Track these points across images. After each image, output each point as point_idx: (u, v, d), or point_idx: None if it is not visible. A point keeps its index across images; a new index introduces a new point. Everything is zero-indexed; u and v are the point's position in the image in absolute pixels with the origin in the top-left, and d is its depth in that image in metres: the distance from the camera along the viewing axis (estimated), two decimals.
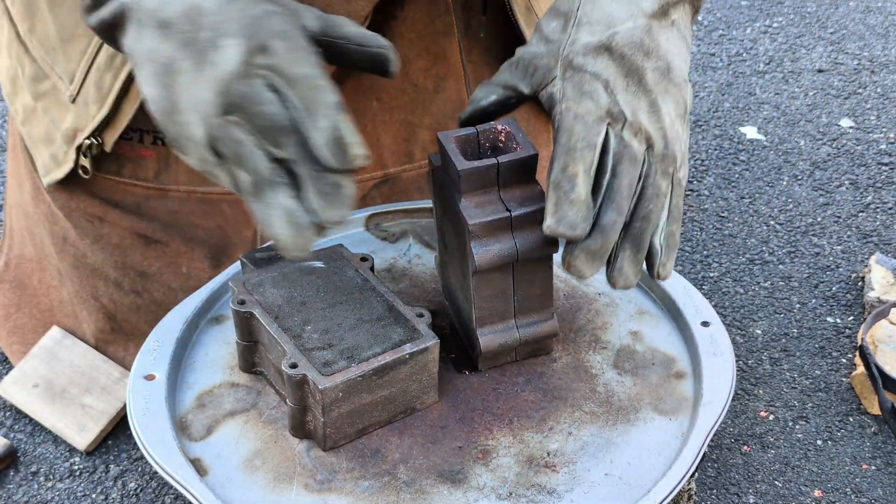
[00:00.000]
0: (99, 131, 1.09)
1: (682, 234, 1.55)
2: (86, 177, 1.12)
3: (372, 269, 0.94)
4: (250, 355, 0.92)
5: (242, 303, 0.89)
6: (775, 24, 2.08)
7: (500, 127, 0.87)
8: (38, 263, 1.29)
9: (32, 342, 1.30)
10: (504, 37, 1.19)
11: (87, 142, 1.09)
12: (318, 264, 0.93)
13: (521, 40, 1.14)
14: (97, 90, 1.07)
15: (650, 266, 0.83)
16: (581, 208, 0.78)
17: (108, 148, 1.10)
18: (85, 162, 1.11)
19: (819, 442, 1.25)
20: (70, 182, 1.17)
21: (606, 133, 0.80)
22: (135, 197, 1.16)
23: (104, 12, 0.80)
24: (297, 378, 0.83)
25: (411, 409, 0.88)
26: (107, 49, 1.05)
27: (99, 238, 1.19)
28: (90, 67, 1.07)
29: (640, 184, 0.80)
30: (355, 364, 0.84)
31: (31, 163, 1.21)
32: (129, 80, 1.05)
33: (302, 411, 0.85)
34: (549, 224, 0.78)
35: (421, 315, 0.88)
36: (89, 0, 0.81)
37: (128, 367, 1.26)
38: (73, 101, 1.09)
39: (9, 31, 1.14)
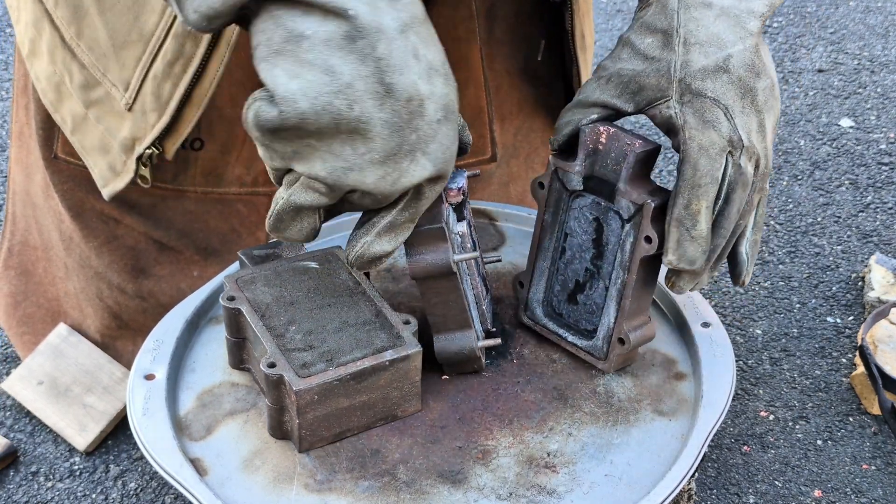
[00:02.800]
0: (159, 140, 1.04)
1: None
2: (145, 186, 1.07)
3: (367, 272, 0.94)
4: (238, 352, 0.92)
5: (232, 299, 0.90)
6: (775, 24, 2.08)
7: (601, 128, 0.88)
8: (43, 253, 1.30)
9: (42, 332, 1.31)
10: (522, 48, 1.19)
11: (148, 151, 1.04)
12: (313, 265, 0.94)
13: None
14: (155, 99, 1.02)
15: (736, 275, 0.87)
16: (701, 244, 0.82)
17: (169, 156, 1.05)
18: (145, 172, 1.06)
19: (819, 442, 1.25)
20: (85, 182, 1.17)
21: (726, 161, 0.83)
22: (152, 198, 1.16)
23: None
24: (274, 378, 0.83)
25: (392, 417, 0.87)
26: (164, 56, 0.99)
27: (112, 238, 1.19)
28: (146, 76, 1.02)
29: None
30: (333, 367, 0.83)
31: (45, 159, 1.20)
32: (191, 88, 1.00)
33: (279, 411, 0.85)
34: (670, 260, 0.83)
35: (407, 322, 0.88)
36: None
37: (131, 363, 1.27)
38: (130, 109, 1.04)
39: (51, 36, 1.08)
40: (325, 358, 0.84)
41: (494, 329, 0.94)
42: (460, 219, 0.89)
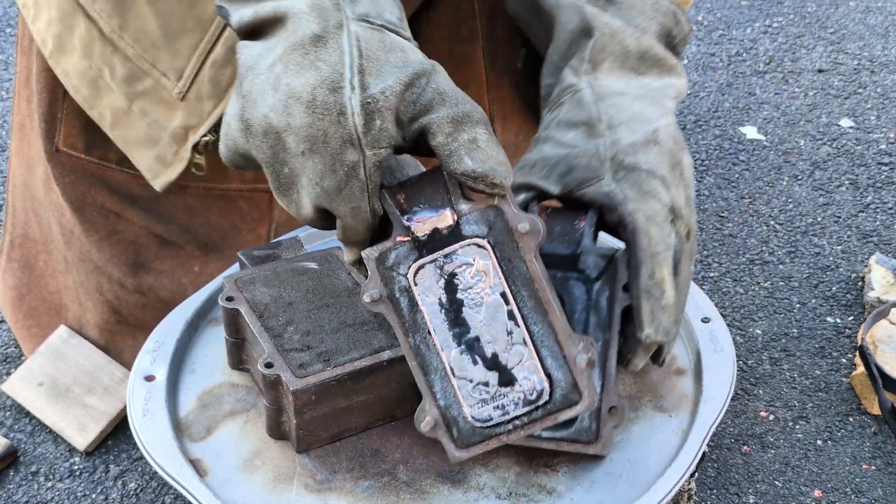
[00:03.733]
0: (215, 127, 1.02)
1: None
2: (200, 174, 1.05)
3: (365, 273, 0.94)
4: (237, 352, 0.92)
5: (230, 299, 0.90)
6: (775, 24, 2.08)
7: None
8: (43, 245, 1.30)
9: (48, 325, 1.31)
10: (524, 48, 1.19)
11: (205, 139, 1.02)
12: (312, 266, 0.94)
13: None
14: (213, 85, 1.01)
15: (656, 353, 0.86)
16: (672, 312, 0.81)
17: None
18: (200, 160, 1.04)
19: (819, 442, 1.25)
20: (87, 175, 1.17)
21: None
22: (153, 192, 1.16)
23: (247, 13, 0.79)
24: (272, 378, 0.83)
25: (391, 417, 0.87)
26: (224, 42, 0.99)
27: (113, 233, 1.19)
28: (203, 63, 1.01)
29: None
30: (330, 368, 0.83)
31: (48, 151, 1.20)
32: None
33: (277, 412, 0.85)
34: (648, 333, 0.81)
35: None
36: None
37: (133, 358, 1.27)
38: (183, 98, 1.03)
39: (86, 31, 1.07)
40: (322, 358, 0.84)
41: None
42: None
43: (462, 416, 0.74)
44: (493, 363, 0.74)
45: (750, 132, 1.78)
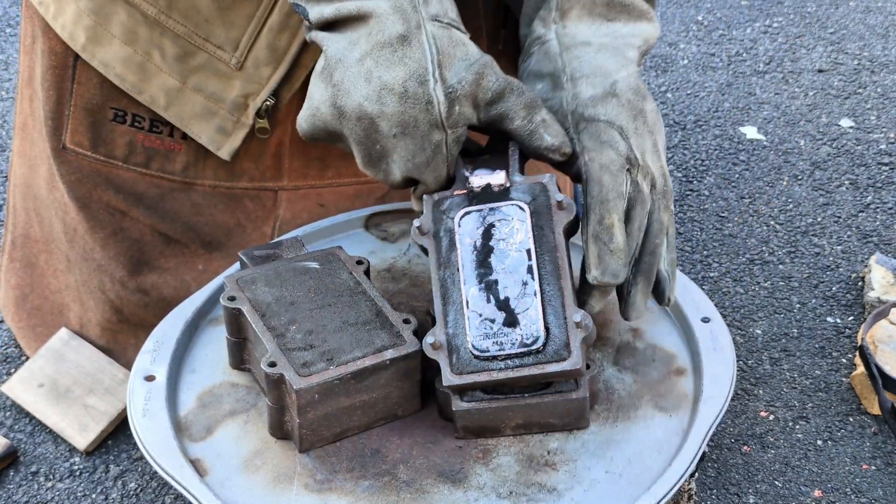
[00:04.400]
0: (275, 91, 1.10)
1: (681, 234, 1.55)
2: (264, 137, 1.12)
3: (367, 272, 0.94)
4: (239, 352, 0.92)
5: (232, 299, 0.90)
6: (775, 24, 2.08)
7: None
8: (44, 245, 1.30)
9: (52, 324, 1.31)
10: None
11: (266, 104, 1.10)
12: (313, 265, 0.94)
13: None
14: (271, 52, 1.07)
15: (660, 294, 0.89)
16: (621, 256, 0.85)
17: (283, 105, 1.11)
18: (263, 123, 1.11)
19: (819, 442, 1.25)
20: (93, 173, 1.17)
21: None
22: (160, 189, 1.17)
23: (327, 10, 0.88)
24: (275, 377, 0.83)
25: (393, 416, 0.87)
26: (280, 9, 1.05)
27: (118, 230, 1.19)
28: (260, 31, 1.07)
29: (647, 220, 0.87)
30: (334, 367, 0.83)
31: (54, 149, 1.20)
32: None
33: (280, 411, 0.85)
34: (594, 276, 0.85)
35: (407, 321, 0.87)
36: None
37: (133, 357, 1.27)
38: (241, 67, 1.09)
39: (129, 17, 1.10)
40: (325, 357, 0.84)
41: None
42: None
43: (464, 345, 0.82)
44: (503, 305, 0.83)
45: (750, 132, 1.78)
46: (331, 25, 0.88)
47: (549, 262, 0.84)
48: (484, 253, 0.85)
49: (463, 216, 0.87)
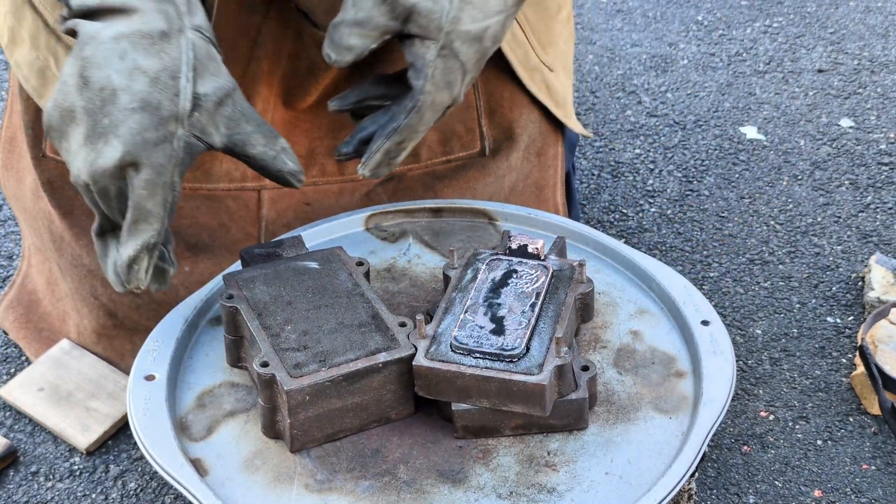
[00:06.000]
0: None
1: (681, 234, 1.55)
2: None
3: (367, 274, 0.94)
4: (236, 350, 0.92)
5: (230, 297, 0.90)
6: (775, 24, 2.08)
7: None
8: (44, 255, 1.30)
9: (59, 332, 1.31)
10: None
11: None
12: (313, 265, 0.93)
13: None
14: None
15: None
16: (384, 171, 0.94)
17: None
18: None
19: (819, 442, 1.25)
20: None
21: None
22: None
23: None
24: (267, 377, 0.83)
25: (386, 419, 0.87)
26: None
27: None
28: None
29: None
30: (326, 368, 0.83)
31: (35, 158, 1.20)
32: None
33: (272, 411, 0.85)
34: (363, 173, 0.93)
35: (403, 325, 0.88)
36: None
37: (131, 362, 1.26)
38: None
39: (33, 22, 1.12)
40: (318, 358, 0.84)
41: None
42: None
43: (447, 339, 0.87)
44: (496, 320, 0.88)
45: (750, 132, 1.78)
46: (91, 14, 0.88)
47: (552, 309, 0.89)
48: (498, 285, 0.92)
49: (492, 261, 0.94)
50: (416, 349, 0.85)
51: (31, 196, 1.25)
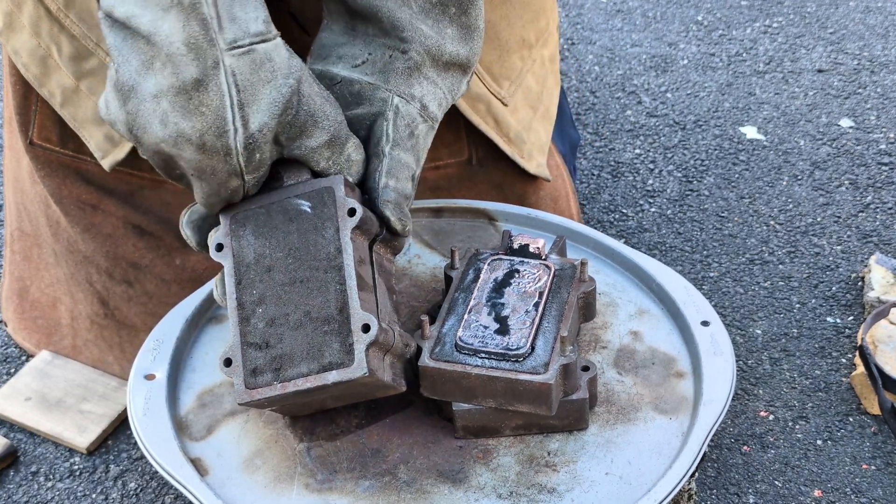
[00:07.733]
0: None
1: (681, 234, 1.55)
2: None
3: (360, 224, 0.86)
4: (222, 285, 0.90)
5: (220, 248, 0.87)
6: (775, 24, 2.08)
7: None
8: (34, 239, 1.30)
9: (50, 318, 1.31)
10: None
11: None
12: (306, 207, 0.88)
13: None
14: None
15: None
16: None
17: None
18: None
19: (819, 442, 1.25)
20: (62, 168, 1.17)
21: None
22: (129, 186, 1.16)
23: None
24: (227, 376, 0.83)
25: (370, 399, 0.88)
26: None
27: (90, 227, 1.19)
28: None
29: None
30: (278, 382, 0.81)
31: (25, 144, 1.20)
32: None
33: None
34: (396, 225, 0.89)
35: (367, 328, 0.81)
36: None
37: (116, 358, 1.26)
38: None
39: (34, 8, 1.08)
40: (274, 366, 0.82)
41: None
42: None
43: (451, 339, 0.87)
44: (500, 320, 0.88)
45: (750, 132, 1.78)
46: (119, 24, 0.81)
47: (556, 308, 0.90)
48: (500, 285, 0.92)
49: (493, 260, 0.95)
50: (369, 370, 0.80)
51: (29, 179, 1.24)
